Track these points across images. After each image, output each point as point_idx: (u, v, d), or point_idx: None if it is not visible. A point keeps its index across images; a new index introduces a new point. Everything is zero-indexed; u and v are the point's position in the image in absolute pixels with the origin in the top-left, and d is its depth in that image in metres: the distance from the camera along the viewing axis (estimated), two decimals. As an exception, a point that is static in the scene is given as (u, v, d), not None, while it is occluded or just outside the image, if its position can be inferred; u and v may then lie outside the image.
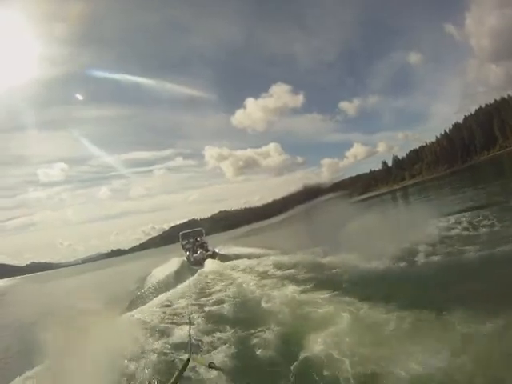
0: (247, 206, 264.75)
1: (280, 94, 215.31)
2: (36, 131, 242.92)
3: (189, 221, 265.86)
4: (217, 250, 26.94)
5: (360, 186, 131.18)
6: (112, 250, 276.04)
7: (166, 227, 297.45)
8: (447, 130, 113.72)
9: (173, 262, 28.26)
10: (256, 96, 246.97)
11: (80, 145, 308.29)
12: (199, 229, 34.42)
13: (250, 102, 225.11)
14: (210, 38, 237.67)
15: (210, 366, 4.40)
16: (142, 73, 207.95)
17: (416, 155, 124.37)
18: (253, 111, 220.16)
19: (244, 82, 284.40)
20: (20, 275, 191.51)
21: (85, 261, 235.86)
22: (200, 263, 22.92)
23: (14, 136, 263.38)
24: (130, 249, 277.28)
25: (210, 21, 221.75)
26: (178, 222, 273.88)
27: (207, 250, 26.60)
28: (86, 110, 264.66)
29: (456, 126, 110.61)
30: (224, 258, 22.03)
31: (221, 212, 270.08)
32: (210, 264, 20.77)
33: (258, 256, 18.44)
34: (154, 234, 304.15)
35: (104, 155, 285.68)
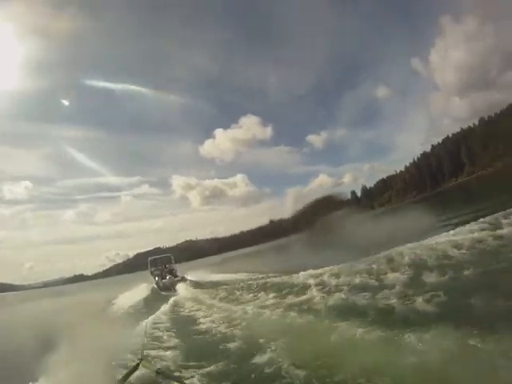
0: (213, 236, 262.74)
1: (249, 126, 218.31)
2: (3, 145, 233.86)
3: (154, 249, 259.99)
4: (186, 277, 26.81)
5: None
6: (75, 275, 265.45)
7: (131, 254, 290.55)
8: (415, 159, 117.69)
9: (142, 287, 27.41)
10: (225, 127, 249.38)
11: (47, 164, 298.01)
12: (168, 255, 35.07)
13: (219, 132, 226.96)
14: (183, 68, 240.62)
15: (158, 372, 4.42)
16: (114, 96, 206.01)
17: (384, 184, 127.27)
18: (221, 142, 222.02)
19: (214, 112, 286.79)
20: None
21: (46, 284, 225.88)
22: (169, 289, 23.32)
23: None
24: (93, 275, 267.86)
25: (184, 50, 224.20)
26: (143, 250, 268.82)
27: (176, 276, 26.95)
28: (57, 129, 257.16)
29: (424, 154, 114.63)
30: (196, 285, 21.96)
31: (186, 241, 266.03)
32: (184, 290, 20.50)
33: (232, 282, 18.05)
34: (119, 260, 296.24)
35: (71, 177, 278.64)
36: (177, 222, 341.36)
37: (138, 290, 26.52)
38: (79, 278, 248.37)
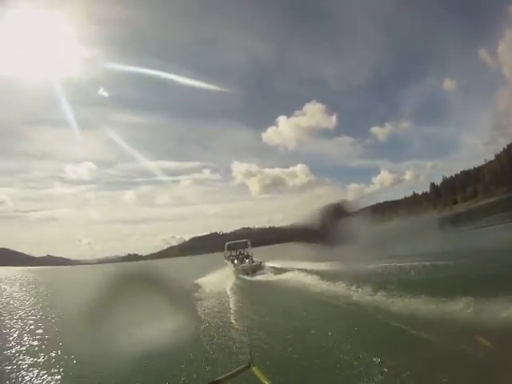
0: (270, 224, 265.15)
1: (314, 113, 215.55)
2: (68, 129, 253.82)
3: (211, 234, 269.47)
4: (264, 262, 26.97)
5: (402, 211, 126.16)
6: (129, 254, 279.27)
7: (187, 238, 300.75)
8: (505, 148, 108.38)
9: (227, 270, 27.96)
10: (289, 114, 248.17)
11: (110, 147, 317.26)
12: (245, 240, 36.33)
13: (282, 119, 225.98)
14: (245, 55, 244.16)
15: None
16: (177, 84, 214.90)
17: (466, 177, 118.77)
18: (284, 129, 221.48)
19: (277, 99, 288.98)
20: (33, 266, 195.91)
21: (101, 261, 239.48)
22: (247, 273, 24.20)
23: (46, 130, 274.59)
24: (147, 255, 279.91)
25: (247, 39, 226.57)
26: (199, 234, 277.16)
27: (253, 261, 27.65)
28: (120, 114, 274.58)
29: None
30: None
31: (244, 228, 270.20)
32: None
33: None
34: (174, 243, 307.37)
35: (133, 160, 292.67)
36: (235, 208, 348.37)
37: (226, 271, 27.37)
38: (133, 258, 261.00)
